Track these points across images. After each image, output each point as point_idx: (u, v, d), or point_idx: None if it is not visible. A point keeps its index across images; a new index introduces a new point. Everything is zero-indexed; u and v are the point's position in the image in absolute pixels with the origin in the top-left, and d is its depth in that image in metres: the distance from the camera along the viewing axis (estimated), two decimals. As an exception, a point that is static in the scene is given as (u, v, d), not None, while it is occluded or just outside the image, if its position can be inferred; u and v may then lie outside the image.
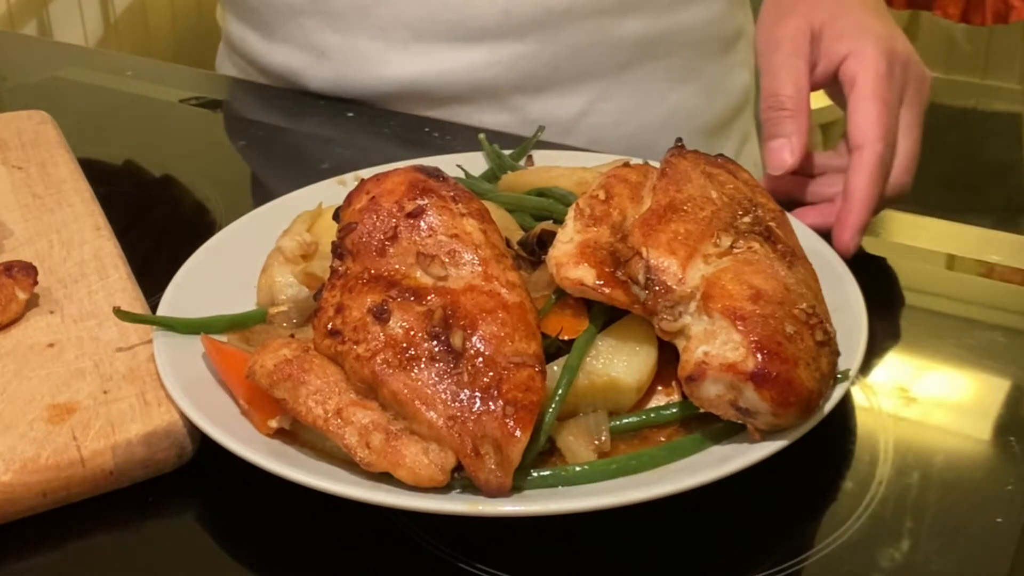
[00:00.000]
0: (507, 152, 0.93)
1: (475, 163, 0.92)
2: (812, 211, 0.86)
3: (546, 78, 1.10)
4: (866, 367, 0.72)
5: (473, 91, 1.10)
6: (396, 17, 1.08)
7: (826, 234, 0.81)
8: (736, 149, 1.24)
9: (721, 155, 0.75)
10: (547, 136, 1.03)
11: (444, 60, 1.08)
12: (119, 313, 0.71)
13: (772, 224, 0.69)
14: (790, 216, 0.73)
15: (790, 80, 0.86)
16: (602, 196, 0.69)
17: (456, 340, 0.60)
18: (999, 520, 0.61)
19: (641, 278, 0.63)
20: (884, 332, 0.76)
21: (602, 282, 0.64)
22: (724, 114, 1.21)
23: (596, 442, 0.62)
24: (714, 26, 1.16)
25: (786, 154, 0.85)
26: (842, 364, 0.64)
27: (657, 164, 0.73)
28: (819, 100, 0.92)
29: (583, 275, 0.64)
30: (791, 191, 0.89)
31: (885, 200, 0.85)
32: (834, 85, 0.88)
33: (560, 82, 1.11)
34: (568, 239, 0.66)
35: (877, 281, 0.79)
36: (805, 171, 0.89)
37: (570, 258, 0.65)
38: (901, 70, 0.86)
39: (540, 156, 0.92)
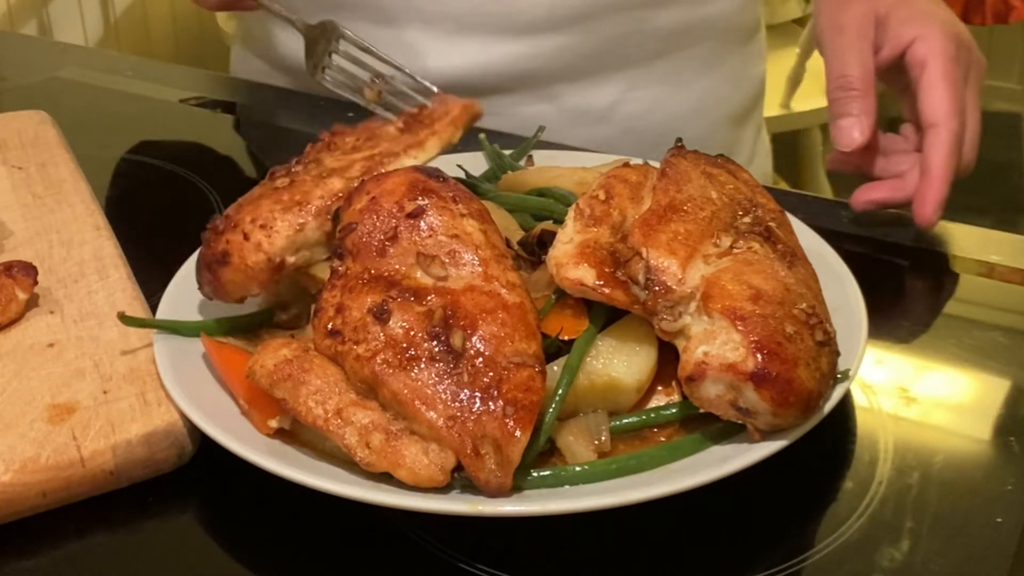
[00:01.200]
0: (507, 152, 0.93)
1: (475, 163, 0.92)
2: (883, 185, 0.89)
3: (585, 68, 1.12)
4: (866, 367, 0.72)
5: (515, 82, 1.11)
6: (441, 10, 1.09)
7: (897, 208, 0.86)
8: (754, 137, 1.27)
9: (721, 155, 0.75)
10: (582, 125, 1.04)
11: (488, 52, 1.09)
12: (124, 318, 0.71)
13: (772, 224, 0.69)
14: (790, 216, 0.73)
15: (857, 62, 0.89)
16: (602, 196, 0.69)
17: (456, 340, 0.60)
18: (999, 520, 0.61)
19: (641, 278, 0.63)
20: (884, 332, 0.76)
21: (602, 282, 0.64)
22: (745, 103, 1.24)
23: (596, 442, 0.62)
24: (737, 17, 1.19)
25: (856, 132, 0.88)
26: (842, 364, 0.64)
27: (657, 164, 0.73)
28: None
29: (583, 275, 0.64)
30: (861, 165, 0.92)
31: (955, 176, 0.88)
32: (896, 70, 0.91)
33: (597, 72, 1.12)
34: (568, 239, 0.66)
35: (877, 281, 0.79)
36: (873, 149, 0.92)
37: (570, 258, 0.65)
38: (966, 54, 0.90)
39: (540, 156, 0.92)
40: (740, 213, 0.68)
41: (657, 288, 0.63)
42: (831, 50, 0.91)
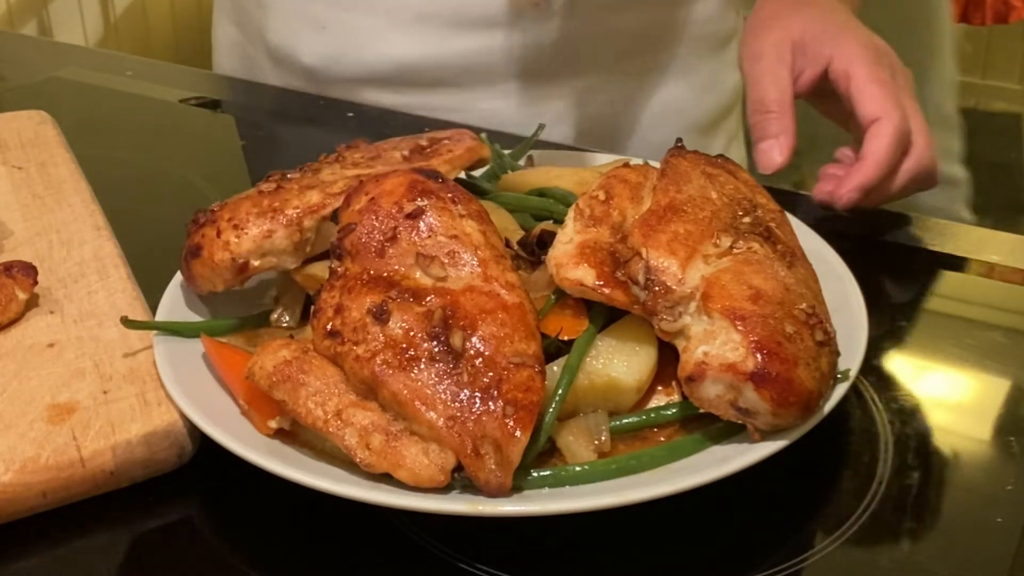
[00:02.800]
0: (507, 152, 0.93)
1: (475, 163, 0.92)
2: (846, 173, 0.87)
3: (543, 67, 1.11)
4: (866, 367, 0.72)
5: (469, 76, 1.11)
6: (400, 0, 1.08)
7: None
8: (723, 148, 1.25)
9: (721, 155, 0.75)
10: (538, 124, 1.04)
11: (444, 44, 1.09)
12: (126, 322, 0.71)
13: (772, 224, 0.69)
14: (790, 216, 0.73)
15: (774, 85, 0.89)
16: (602, 196, 0.69)
17: (456, 340, 0.60)
18: (999, 520, 0.61)
19: (641, 278, 0.63)
20: (884, 332, 0.76)
21: (602, 282, 0.64)
22: (715, 112, 1.22)
23: (596, 442, 0.62)
24: (709, 24, 1.17)
25: (775, 154, 0.88)
26: (842, 364, 0.64)
27: (657, 164, 0.73)
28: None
29: (583, 275, 0.64)
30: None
31: (914, 181, 0.87)
32: (831, 98, 0.91)
33: (556, 71, 1.12)
34: (568, 239, 0.66)
35: (877, 281, 0.79)
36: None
37: (570, 258, 0.65)
38: (888, 60, 0.90)
39: (540, 156, 0.92)
40: (740, 213, 0.68)
41: (657, 288, 0.63)
42: (749, 77, 0.92)
